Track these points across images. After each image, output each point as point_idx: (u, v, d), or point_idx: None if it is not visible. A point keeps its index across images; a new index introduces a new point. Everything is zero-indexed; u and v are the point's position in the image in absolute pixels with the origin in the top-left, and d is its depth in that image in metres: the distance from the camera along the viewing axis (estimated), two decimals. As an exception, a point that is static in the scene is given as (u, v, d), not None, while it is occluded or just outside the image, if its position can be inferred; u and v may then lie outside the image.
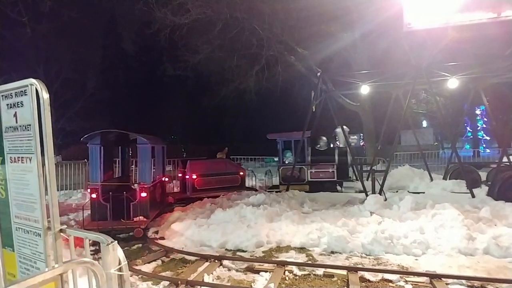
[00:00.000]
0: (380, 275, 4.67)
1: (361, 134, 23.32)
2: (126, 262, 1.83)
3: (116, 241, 1.79)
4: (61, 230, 2.10)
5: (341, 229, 6.26)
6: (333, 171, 10.70)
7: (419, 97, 24.56)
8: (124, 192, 7.21)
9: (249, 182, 12.56)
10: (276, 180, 12.38)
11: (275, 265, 5.08)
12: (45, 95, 2.09)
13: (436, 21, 7.66)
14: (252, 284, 4.63)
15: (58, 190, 12.33)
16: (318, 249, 5.86)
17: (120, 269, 1.80)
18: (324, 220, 6.95)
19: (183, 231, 6.81)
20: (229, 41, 15.44)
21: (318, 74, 10.75)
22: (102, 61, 31.44)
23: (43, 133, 2.11)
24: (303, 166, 10.88)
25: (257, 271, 4.99)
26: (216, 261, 5.33)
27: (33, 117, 2.18)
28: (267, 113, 28.30)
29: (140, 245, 6.52)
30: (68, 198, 11.00)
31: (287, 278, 4.78)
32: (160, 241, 6.58)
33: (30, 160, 2.26)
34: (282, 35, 14.93)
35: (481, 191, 8.84)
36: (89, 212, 7.39)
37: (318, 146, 11.50)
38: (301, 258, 5.56)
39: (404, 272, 4.72)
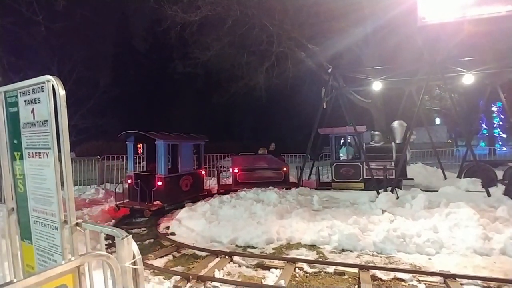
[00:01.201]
0: (392, 274, 4.60)
1: (374, 132, 23.01)
2: (140, 256, 1.86)
3: (130, 235, 1.81)
4: (77, 224, 2.14)
5: (352, 227, 6.20)
6: (391, 168, 10.19)
7: (433, 93, 24.02)
8: (138, 180, 8.67)
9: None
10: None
11: (286, 262, 5.08)
12: (61, 92, 2.12)
13: (452, 14, 7.45)
14: (263, 280, 4.64)
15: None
16: (329, 246, 5.83)
17: (134, 263, 1.82)
18: (334, 218, 6.90)
19: (194, 227, 6.88)
20: (239, 38, 15.40)
21: (329, 70, 10.60)
22: (114, 59, 31.88)
23: (59, 128, 2.14)
24: (358, 163, 10.52)
25: (268, 268, 5.00)
26: (227, 257, 5.36)
27: (50, 113, 2.22)
28: (277, 110, 28.21)
29: (152, 240, 6.62)
30: (81, 194, 11.22)
31: (297, 275, 4.77)
32: (171, 237, 6.65)
33: (47, 155, 2.31)
34: (292, 31, 14.80)
35: (498, 190, 8.62)
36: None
37: (373, 141, 10.95)
38: (312, 255, 5.54)
39: (417, 272, 4.65)
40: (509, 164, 10.88)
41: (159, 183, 8.42)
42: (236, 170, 11.11)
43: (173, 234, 6.90)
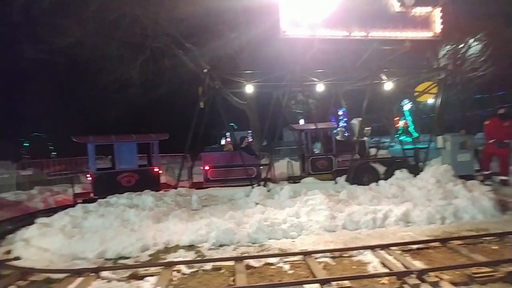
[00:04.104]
0: (263, 260, 5.05)
1: (249, 131, 24.78)
2: None
3: None
4: None
5: (228, 222, 6.48)
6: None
7: (297, 98, 27.85)
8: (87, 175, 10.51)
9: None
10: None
11: (162, 267, 4.86)
12: None
13: (305, 31, 8.84)
14: (136, 291, 4.31)
15: None
16: (207, 244, 5.91)
17: None
18: (212, 215, 7.06)
19: (48, 245, 5.74)
20: (108, 26, 13.77)
21: (205, 70, 10.78)
22: None
23: None
24: (331, 156, 11.27)
25: (142, 277, 4.66)
26: (92, 273, 4.70)
27: None
28: (157, 108, 26.73)
29: (-16, 271, 5.14)
30: None
31: (174, 278, 4.64)
32: (15, 262, 5.35)
33: None
34: (169, 27, 14.29)
35: (342, 178, 10.69)
36: None
37: (338, 137, 11.89)
38: (190, 255, 5.50)
39: (282, 254, 5.26)
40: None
41: (89, 178, 9.92)
42: (206, 168, 10.68)
43: (17, 258, 5.56)
